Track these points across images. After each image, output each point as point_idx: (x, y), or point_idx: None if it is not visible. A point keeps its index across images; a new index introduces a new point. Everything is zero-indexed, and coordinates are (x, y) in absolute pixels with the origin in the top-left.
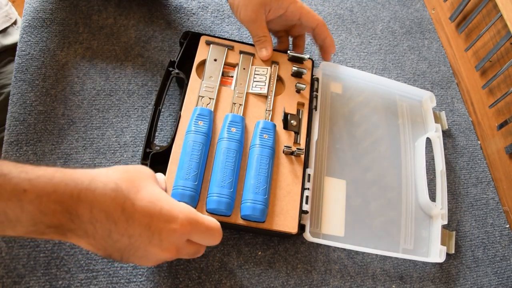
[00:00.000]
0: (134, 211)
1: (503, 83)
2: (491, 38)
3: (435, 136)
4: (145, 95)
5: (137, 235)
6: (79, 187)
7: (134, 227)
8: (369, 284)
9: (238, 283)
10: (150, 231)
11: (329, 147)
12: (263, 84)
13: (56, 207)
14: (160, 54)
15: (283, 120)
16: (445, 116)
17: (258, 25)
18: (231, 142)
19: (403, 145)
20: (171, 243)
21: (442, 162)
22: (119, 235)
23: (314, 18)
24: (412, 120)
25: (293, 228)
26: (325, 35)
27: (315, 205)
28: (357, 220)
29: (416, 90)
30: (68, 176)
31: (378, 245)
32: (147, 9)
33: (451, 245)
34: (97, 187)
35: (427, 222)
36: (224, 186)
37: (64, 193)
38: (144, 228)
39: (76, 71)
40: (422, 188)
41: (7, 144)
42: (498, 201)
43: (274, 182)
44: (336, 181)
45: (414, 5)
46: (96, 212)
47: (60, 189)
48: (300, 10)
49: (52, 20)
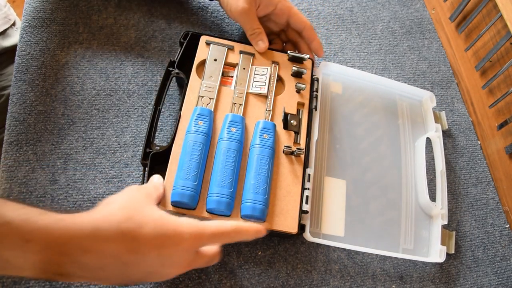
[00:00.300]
0: (143, 248)
1: (503, 83)
2: (491, 38)
3: (435, 136)
4: (145, 95)
5: (149, 265)
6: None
7: (146, 260)
8: (369, 284)
9: (238, 283)
10: (161, 257)
11: (329, 147)
12: (263, 84)
13: (63, 258)
14: (160, 54)
15: (283, 120)
16: (445, 116)
17: (251, 16)
18: (231, 142)
19: (403, 145)
20: (182, 260)
21: (442, 162)
22: (131, 272)
23: (302, 20)
24: (412, 120)
25: (293, 228)
26: (312, 39)
27: (315, 205)
28: (357, 220)
29: (416, 90)
30: (71, 225)
31: (378, 245)
32: (147, 9)
33: (451, 245)
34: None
35: (427, 222)
36: (224, 186)
37: (69, 243)
38: (154, 257)
39: (76, 71)
40: (422, 188)
41: (7, 144)
42: (498, 201)
43: (274, 182)
44: (336, 181)
45: (414, 5)
46: (104, 258)
47: (64, 239)
48: (289, 10)
49: (52, 20)
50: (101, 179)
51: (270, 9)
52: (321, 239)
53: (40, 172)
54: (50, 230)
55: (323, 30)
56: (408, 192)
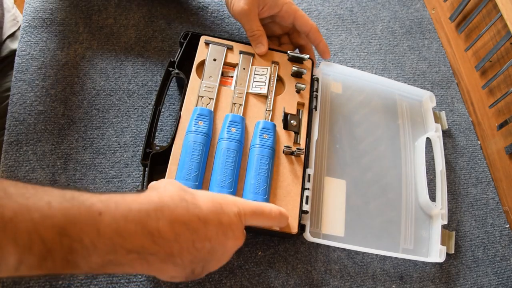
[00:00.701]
0: (205, 214)
1: (503, 83)
2: (491, 38)
3: (435, 136)
4: (145, 95)
5: (215, 235)
6: (153, 205)
7: (211, 228)
8: (369, 284)
9: (238, 283)
10: (223, 226)
11: (329, 147)
12: (263, 84)
13: (137, 228)
14: (160, 54)
15: (283, 120)
16: (445, 116)
17: (251, 17)
18: (231, 142)
19: (403, 145)
20: (239, 230)
21: (442, 162)
22: (201, 242)
23: (308, 23)
24: (412, 120)
25: (293, 228)
26: (318, 41)
27: (315, 205)
28: (357, 220)
29: (416, 90)
30: (137, 197)
31: (378, 245)
32: (147, 9)
33: (451, 245)
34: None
35: (427, 222)
36: (224, 187)
37: (140, 212)
38: (217, 225)
39: (76, 71)
40: (422, 188)
41: (7, 144)
42: (498, 201)
43: (274, 182)
44: (336, 181)
45: (414, 5)
46: (177, 226)
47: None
48: (295, 12)
49: (52, 20)
50: (101, 179)
51: (275, 11)
52: (321, 239)
53: (40, 172)
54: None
55: (323, 30)
56: (408, 192)
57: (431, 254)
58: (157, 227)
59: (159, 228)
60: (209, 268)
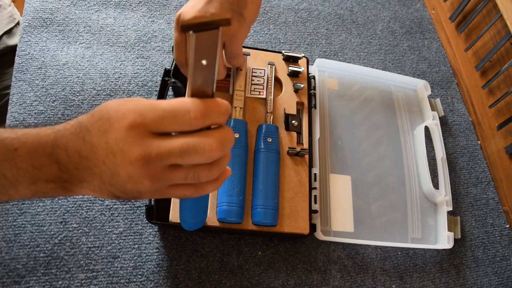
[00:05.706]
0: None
1: (503, 83)
2: (491, 38)
3: (432, 124)
4: (145, 95)
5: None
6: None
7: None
8: (369, 284)
9: (238, 283)
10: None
11: (331, 144)
12: (261, 87)
13: (45, 160)
14: (160, 54)
15: (285, 122)
16: (440, 103)
17: None
18: (236, 148)
19: (402, 135)
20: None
21: (442, 149)
22: (97, 167)
23: None
24: (408, 109)
25: (305, 229)
26: None
27: (323, 203)
28: (365, 213)
29: (411, 80)
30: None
31: (388, 237)
32: (147, 9)
33: (457, 230)
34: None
35: (432, 209)
36: (233, 195)
37: (46, 143)
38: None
39: (76, 71)
40: (425, 176)
41: None
42: (498, 201)
43: (281, 185)
44: (341, 178)
45: (414, 5)
46: (70, 154)
47: (43, 141)
48: None
49: (52, 20)
50: None
51: None
52: (333, 237)
53: None
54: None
55: (323, 30)
56: (411, 181)
57: (439, 241)
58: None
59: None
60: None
